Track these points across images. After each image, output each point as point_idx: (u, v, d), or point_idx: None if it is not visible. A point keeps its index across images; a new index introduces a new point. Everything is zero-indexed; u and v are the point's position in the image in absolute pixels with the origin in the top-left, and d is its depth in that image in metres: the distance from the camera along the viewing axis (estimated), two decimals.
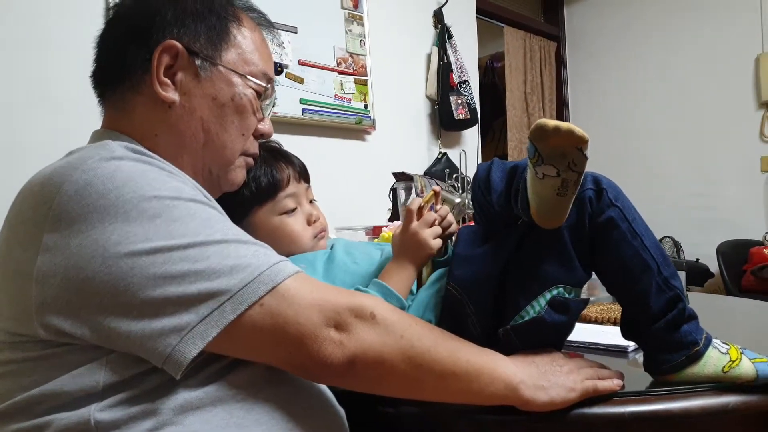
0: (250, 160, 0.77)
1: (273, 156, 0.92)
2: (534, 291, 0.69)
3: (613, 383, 0.66)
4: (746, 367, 0.66)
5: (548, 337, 0.71)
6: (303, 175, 0.96)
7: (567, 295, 0.69)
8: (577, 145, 0.58)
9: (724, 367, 0.66)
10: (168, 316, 0.51)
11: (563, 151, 0.59)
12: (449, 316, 0.77)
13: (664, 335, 0.67)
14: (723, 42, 3.37)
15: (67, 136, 1.56)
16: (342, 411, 0.66)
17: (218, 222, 0.58)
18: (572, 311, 0.70)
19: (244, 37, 0.72)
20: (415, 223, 0.85)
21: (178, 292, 0.51)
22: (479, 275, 0.74)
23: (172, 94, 0.67)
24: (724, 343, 0.69)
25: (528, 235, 0.71)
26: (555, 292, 0.68)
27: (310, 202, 0.97)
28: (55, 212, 0.52)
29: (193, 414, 0.53)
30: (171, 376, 0.52)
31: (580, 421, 0.64)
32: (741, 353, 0.67)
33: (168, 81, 0.67)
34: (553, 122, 0.57)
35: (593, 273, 0.73)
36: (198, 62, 0.67)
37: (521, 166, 0.71)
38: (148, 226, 0.53)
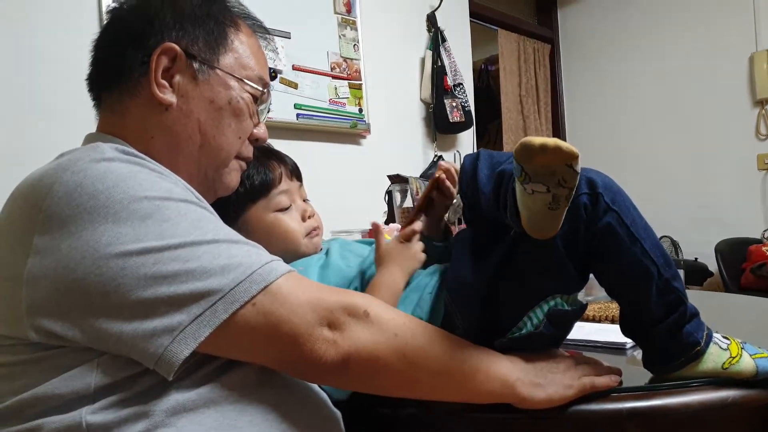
0: (244, 164, 0.77)
1: (265, 155, 0.92)
2: (530, 302, 0.67)
3: (611, 379, 0.66)
4: (746, 364, 0.65)
5: (547, 345, 0.70)
6: (295, 173, 0.96)
7: (565, 306, 0.66)
8: (566, 162, 0.53)
9: (723, 363, 0.66)
10: (159, 316, 0.51)
11: (552, 169, 0.54)
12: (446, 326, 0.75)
13: (666, 339, 0.66)
14: (717, 41, 3.38)
15: (60, 144, 1.55)
16: (338, 413, 0.66)
17: (209, 222, 0.57)
18: (571, 321, 0.69)
19: (241, 42, 0.72)
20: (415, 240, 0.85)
21: (169, 292, 0.51)
22: (467, 288, 0.71)
23: (170, 96, 0.66)
24: (724, 337, 0.68)
25: (520, 244, 0.68)
26: (552, 303, 0.66)
27: (304, 200, 0.97)
28: (45, 214, 0.52)
29: (186, 416, 0.52)
30: (163, 378, 0.51)
31: (578, 418, 0.64)
32: (741, 348, 0.67)
33: (165, 83, 0.67)
34: (539, 140, 0.52)
35: (591, 275, 0.71)
36: (196, 65, 0.67)
37: (507, 172, 0.65)
38: (138, 226, 0.52)
